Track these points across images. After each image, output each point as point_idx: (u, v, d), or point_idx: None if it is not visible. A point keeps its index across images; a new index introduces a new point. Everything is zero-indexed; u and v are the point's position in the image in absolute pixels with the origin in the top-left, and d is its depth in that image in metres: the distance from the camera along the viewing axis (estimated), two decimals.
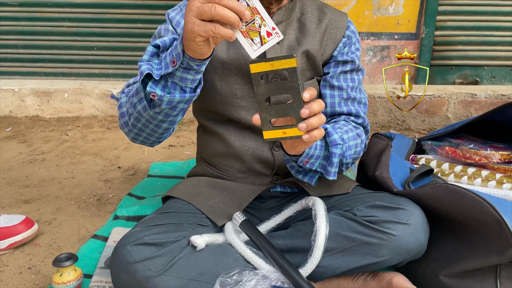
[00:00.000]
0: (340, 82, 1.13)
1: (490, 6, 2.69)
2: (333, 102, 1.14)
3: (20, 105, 2.65)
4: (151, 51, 0.89)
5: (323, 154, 1.01)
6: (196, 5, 0.73)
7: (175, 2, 2.75)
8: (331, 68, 1.14)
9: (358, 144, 1.09)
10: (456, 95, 2.52)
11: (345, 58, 1.13)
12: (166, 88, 0.87)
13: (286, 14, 1.09)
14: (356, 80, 1.16)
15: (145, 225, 0.99)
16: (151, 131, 1.00)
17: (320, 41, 1.12)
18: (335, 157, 0.99)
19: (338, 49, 1.13)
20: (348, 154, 1.04)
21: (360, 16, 2.65)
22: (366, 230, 0.95)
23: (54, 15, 2.81)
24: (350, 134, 1.06)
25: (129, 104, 0.96)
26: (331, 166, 1.00)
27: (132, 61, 2.88)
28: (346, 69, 1.14)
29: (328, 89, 1.14)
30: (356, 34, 1.16)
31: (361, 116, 1.15)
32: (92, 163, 2.01)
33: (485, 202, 0.89)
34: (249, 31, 0.75)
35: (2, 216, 1.36)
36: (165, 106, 0.88)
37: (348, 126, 1.10)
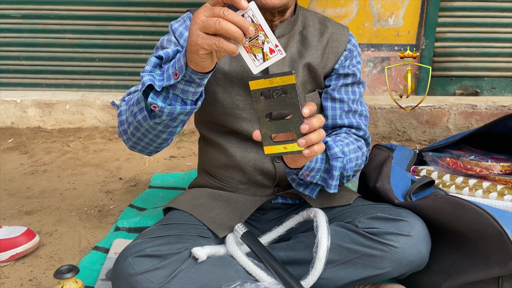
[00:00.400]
0: (341, 94, 1.14)
1: (490, 18, 2.71)
2: (334, 115, 1.15)
3: (22, 116, 2.66)
4: (154, 62, 0.89)
5: (323, 167, 1.01)
6: (201, 18, 0.74)
7: (177, 14, 2.77)
8: (333, 81, 1.15)
9: (359, 156, 1.09)
10: (457, 106, 2.53)
11: (346, 71, 1.14)
12: (167, 100, 0.88)
13: (288, 27, 1.10)
14: (357, 93, 1.16)
15: (146, 236, 0.99)
16: (150, 140, 1.00)
17: (322, 54, 1.13)
18: (335, 170, 1.00)
19: (340, 62, 1.14)
20: (349, 166, 1.05)
21: (360, 28, 2.67)
22: (368, 242, 0.95)
23: (56, 27, 2.84)
24: (351, 146, 1.07)
25: (129, 113, 0.96)
26: (331, 179, 1.01)
27: (133, 73, 2.90)
28: (347, 82, 1.15)
29: (329, 101, 1.15)
30: (357, 48, 1.17)
31: (362, 129, 1.16)
32: (93, 174, 2.01)
33: (487, 214, 0.90)
34: (252, 47, 0.76)
35: (3, 228, 1.36)
36: (165, 117, 0.89)
37: (349, 138, 1.10)
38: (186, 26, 1.10)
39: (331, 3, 2.63)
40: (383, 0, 2.63)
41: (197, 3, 2.77)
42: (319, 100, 1.17)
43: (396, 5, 2.64)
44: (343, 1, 2.63)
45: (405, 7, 2.64)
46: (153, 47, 1.13)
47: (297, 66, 1.11)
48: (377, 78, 2.77)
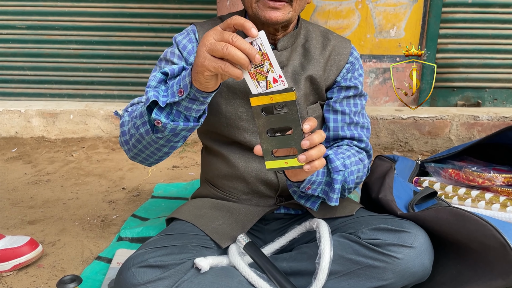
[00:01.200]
0: (343, 107, 1.15)
1: (491, 30, 2.73)
2: (336, 126, 1.16)
3: (26, 126, 2.67)
4: (159, 77, 0.90)
5: (325, 180, 1.02)
6: (210, 41, 0.76)
7: (180, 26, 2.80)
8: (335, 93, 1.16)
9: (360, 169, 1.10)
10: (459, 117, 2.53)
11: (348, 84, 1.15)
12: (170, 116, 0.89)
13: (291, 40, 1.11)
14: (359, 105, 1.17)
15: (149, 247, 0.99)
16: (151, 152, 1.01)
17: (324, 67, 1.14)
18: (337, 183, 1.01)
19: (342, 74, 1.15)
20: (350, 179, 1.05)
21: (362, 39, 2.69)
22: (371, 253, 0.95)
23: (61, 37, 2.87)
24: (352, 159, 1.07)
25: (131, 124, 0.97)
26: (332, 192, 1.02)
27: (137, 83, 2.92)
28: (349, 95, 1.16)
29: (331, 113, 1.16)
30: (359, 61, 1.18)
31: (364, 141, 1.16)
32: (96, 184, 2.02)
33: (489, 225, 0.90)
34: (257, 74, 0.77)
35: (6, 237, 1.36)
36: (168, 132, 0.90)
37: (351, 151, 1.11)
38: (189, 39, 1.11)
39: (333, 15, 2.65)
40: (384, 12, 2.65)
41: (200, 14, 2.80)
42: (320, 112, 1.17)
43: (398, 17, 2.66)
44: (345, 13, 2.65)
45: (407, 18, 2.66)
46: (157, 58, 1.15)
47: (299, 79, 1.12)
48: (379, 89, 2.78)
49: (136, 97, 1.08)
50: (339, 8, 2.64)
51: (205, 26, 1.14)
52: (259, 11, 1.01)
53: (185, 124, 0.89)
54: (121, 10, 2.81)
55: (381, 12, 2.65)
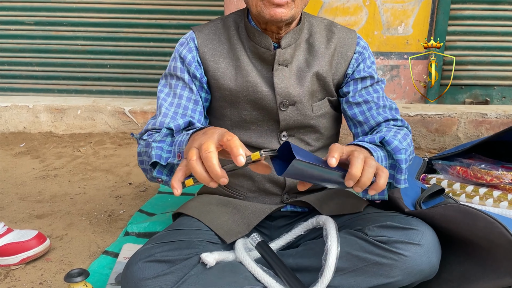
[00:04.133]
0: (364, 96, 1.14)
1: (500, 27, 2.71)
2: (366, 117, 1.14)
3: (34, 121, 2.69)
4: (164, 133, 0.93)
5: (389, 164, 0.99)
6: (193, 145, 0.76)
7: (187, 22, 2.80)
8: (351, 86, 1.15)
9: (409, 143, 1.06)
10: (467, 114, 2.51)
11: (362, 75, 1.14)
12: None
13: (295, 36, 1.10)
14: (379, 90, 1.16)
15: (156, 242, 1.00)
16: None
17: (330, 61, 1.13)
18: (402, 163, 0.97)
19: (352, 66, 1.14)
20: (407, 156, 1.01)
21: (370, 36, 2.68)
22: (378, 250, 0.95)
23: (68, 33, 2.88)
24: (399, 136, 1.04)
25: (145, 158, 1.00)
26: (400, 174, 0.98)
27: (144, 79, 2.93)
28: (366, 85, 1.15)
29: (355, 107, 1.15)
30: (367, 49, 1.17)
31: (398, 119, 1.13)
32: (103, 179, 2.03)
33: (497, 223, 0.89)
34: None
35: (15, 231, 1.37)
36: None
37: (393, 129, 1.08)
38: (189, 48, 1.12)
39: (341, 12, 2.64)
40: (392, 9, 2.64)
41: (207, 11, 2.80)
42: (328, 109, 1.17)
43: (406, 14, 2.64)
44: (353, 10, 2.64)
45: (415, 15, 2.64)
46: (164, 54, 1.17)
47: (304, 76, 1.11)
48: (386, 86, 2.77)
49: (143, 94, 1.09)
50: (346, 5, 2.63)
51: (204, 30, 1.14)
52: (264, 9, 1.00)
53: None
54: (128, 6, 2.82)
55: (389, 9, 2.63)
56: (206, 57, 1.11)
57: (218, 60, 1.11)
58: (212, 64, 1.11)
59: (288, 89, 1.09)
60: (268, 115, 1.12)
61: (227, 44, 1.12)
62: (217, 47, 1.12)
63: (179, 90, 1.11)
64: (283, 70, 1.09)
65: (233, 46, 1.12)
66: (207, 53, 1.11)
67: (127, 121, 2.67)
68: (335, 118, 1.21)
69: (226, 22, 1.15)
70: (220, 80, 1.11)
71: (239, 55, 1.11)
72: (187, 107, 1.09)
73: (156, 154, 0.91)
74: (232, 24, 1.14)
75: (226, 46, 1.12)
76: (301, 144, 1.17)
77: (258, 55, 1.10)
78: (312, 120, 1.14)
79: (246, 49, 1.11)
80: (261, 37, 1.08)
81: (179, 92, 1.10)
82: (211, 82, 1.13)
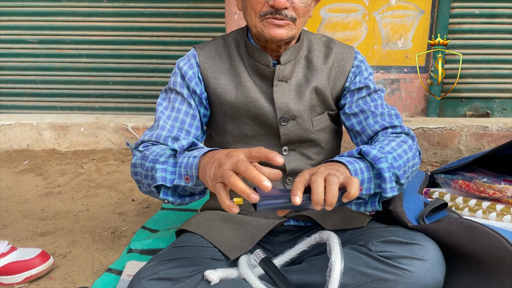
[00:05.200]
0: (360, 106, 1.14)
1: (499, 40, 2.73)
2: (363, 127, 1.14)
3: (37, 138, 2.71)
4: (168, 153, 0.94)
5: (373, 174, 0.98)
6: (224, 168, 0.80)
7: (189, 39, 2.83)
8: (348, 98, 1.16)
9: (406, 150, 1.04)
10: (468, 127, 2.52)
11: (358, 86, 1.15)
12: (177, 191, 0.96)
13: (294, 53, 1.12)
14: (377, 99, 1.16)
15: (159, 259, 1.00)
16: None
17: (328, 76, 1.14)
18: (384, 172, 0.95)
19: (349, 80, 1.16)
20: (398, 164, 0.99)
21: (370, 50, 2.70)
22: (382, 265, 0.95)
23: (72, 51, 2.91)
24: (392, 144, 1.03)
25: (144, 174, 1.00)
26: (384, 183, 0.96)
27: (146, 95, 2.95)
28: (362, 95, 1.15)
29: (352, 118, 1.15)
30: (364, 62, 1.18)
31: (397, 126, 1.11)
32: (106, 196, 2.03)
33: (501, 237, 0.89)
34: None
35: (18, 250, 1.38)
36: (175, 206, 0.94)
37: (388, 138, 1.07)
38: (190, 64, 1.14)
39: (340, 27, 2.67)
40: (391, 23, 2.66)
41: (209, 28, 2.83)
42: (328, 123, 1.18)
43: (405, 28, 2.67)
44: (352, 25, 2.67)
45: (414, 30, 2.67)
46: (166, 71, 1.19)
47: (303, 91, 1.13)
48: (387, 99, 2.78)
49: (145, 110, 1.11)
50: (346, 20, 2.66)
51: (206, 48, 1.16)
52: (264, 29, 1.03)
53: (191, 199, 0.97)
54: (131, 24, 2.85)
55: (388, 23, 2.66)
56: (207, 73, 1.13)
57: (219, 76, 1.13)
58: (213, 80, 1.13)
59: (288, 104, 1.11)
60: (269, 129, 1.14)
61: (228, 61, 1.14)
62: (218, 64, 1.14)
63: (177, 104, 1.13)
64: (283, 85, 1.11)
65: (234, 63, 1.14)
66: (208, 70, 1.13)
67: (130, 138, 2.68)
68: (335, 132, 1.22)
69: (227, 40, 1.17)
70: (221, 96, 1.13)
71: (239, 72, 1.13)
72: (185, 121, 1.11)
73: (161, 176, 0.92)
74: (232, 42, 1.16)
75: (227, 63, 1.14)
76: (302, 158, 1.18)
77: (258, 71, 1.12)
78: (313, 134, 1.15)
79: (246, 66, 1.13)
80: (260, 54, 1.10)
81: (177, 106, 1.12)
82: (212, 98, 1.15)
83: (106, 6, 2.84)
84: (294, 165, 1.16)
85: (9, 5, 2.85)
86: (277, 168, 0.95)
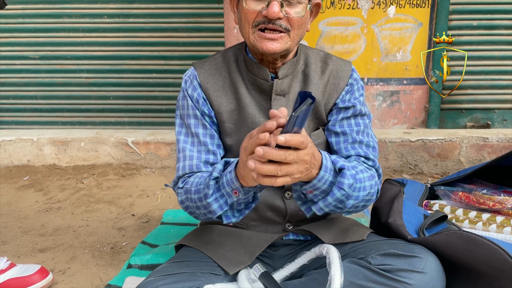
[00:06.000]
0: (344, 127, 1.14)
1: (497, 51, 2.74)
2: (339, 148, 1.14)
3: (38, 154, 2.71)
4: (212, 185, 0.96)
5: (326, 188, 0.97)
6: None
7: (189, 54, 2.85)
8: (333, 115, 1.16)
9: (372, 185, 1.05)
10: (468, 139, 2.52)
11: (346, 105, 1.14)
12: (234, 208, 1.00)
13: (291, 68, 1.13)
14: (361, 124, 1.15)
15: (158, 274, 0.99)
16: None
17: (323, 91, 1.15)
18: (332, 196, 0.96)
19: (341, 97, 1.15)
20: (358, 194, 1.00)
21: (369, 63, 2.72)
22: (381, 279, 0.94)
23: (73, 67, 2.94)
24: (365, 174, 1.04)
25: (189, 203, 1.06)
26: (323, 202, 0.97)
27: (147, 110, 2.97)
28: (347, 115, 1.14)
29: (333, 136, 1.15)
30: (358, 82, 1.18)
31: (371, 159, 1.13)
32: (106, 211, 2.03)
33: (501, 249, 0.89)
34: None
35: (17, 266, 1.37)
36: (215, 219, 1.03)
37: (363, 165, 1.08)
38: (193, 87, 1.14)
39: (339, 40, 2.69)
40: (390, 36, 2.68)
41: (208, 42, 2.86)
42: (324, 138, 1.17)
43: (404, 40, 2.69)
44: (351, 38, 2.69)
45: (412, 42, 2.69)
46: (166, 85, 1.19)
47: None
48: (386, 111, 2.79)
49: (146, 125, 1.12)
50: (345, 33, 2.68)
51: (205, 66, 1.16)
52: (256, 42, 1.03)
53: (249, 208, 1.01)
54: (131, 39, 2.88)
55: (386, 36, 2.68)
56: (209, 92, 1.14)
57: (220, 94, 1.13)
58: (215, 99, 1.13)
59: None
60: None
61: (228, 78, 1.15)
62: (218, 82, 1.14)
63: (193, 129, 1.14)
64: (281, 100, 1.12)
65: (233, 80, 1.14)
66: (210, 89, 1.14)
67: (130, 152, 2.68)
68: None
69: (226, 56, 1.17)
70: (224, 114, 1.13)
71: (238, 87, 1.13)
72: (207, 143, 1.13)
73: (218, 207, 0.97)
74: (231, 57, 1.17)
75: (228, 80, 1.15)
76: None
77: (257, 86, 1.12)
78: None
79: (245, 81, 1.13)
80: (258, 68, 1.10)
81: (194, 131, 1.13)
82: (217, 116, 1.15)
83: (106, 22, 2.87)
84: None
85: (10, 21, 2.88)
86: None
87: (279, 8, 0.98)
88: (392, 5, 2.64)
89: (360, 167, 1.05)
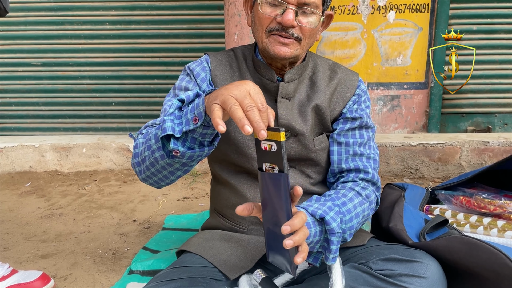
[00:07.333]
0: (348, 138, 1.16)
1: (497, 55, 2.75)
2: (339, 160, 1.16)
3: (40, 160, 2.72)
4: (176, 104, 0.91)
5: (323, 238, 0.99)
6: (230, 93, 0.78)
7: (190, 60, 2.87)
8: (340, 124, 1.17)
9: (365, 208, 1.08)
10: (469, 143, 2.52)
11: (353, 115, 1.16)
12: (186, 142, 0.90)
13: (298, 72, 1.14)
14: (365, 137, 1.17)
15: (160, 280, 0.99)
16: (163, 176, 1.01)
17: (330, 98, 1.15)
18: (333, 244, 0.97)
19: (348, 106, 1.16)
20: (352, 224, 1.03)
21: (369, 68, 2.73)
22: (382, 284, 0.94)
23: (74, 73, 2.95)
24: (355, 200, 1.06)
25: (145, 147, 0.97)
26: (329, 252, 0.98)
27: (148, 115, 2.98)
28: (354, 126, 1.16)
29: (335, 145, 1.16)
30: (366, 93, 1.20)
31: (369, 172, 1.14)
32: (108, 217, 2.03)
33: (502, 254, 0.89)
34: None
35: (19, 272, 1.37)
36: (185, 159, 0.91)
37: (355, 188, 1.10)
38: (203, 67, 1.15)
39: (339, 45, 2.70)
40: (390, 41, 2.69)
41: (209, 48, 2.87)
42: (327, 143, 1.18)
43: (404, 45, 2.70)
44: (351, 43, 2.70)
45: (412, 47, 2.70)
46: (167, 91, 1.18)
47: (306, 110, 1.13)
48: (387, 116, 2.79)
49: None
50: (345, 38, 2.69)
51: (218, 56, 1.18)
52: (269, 45, 1.04)
53: (201, 150, 0.90)
54: (133, 46, 2.90)
55: (386, 41, 2.69)
56: (217, 80, 1.14)
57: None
58: None
59: (291, 121, 1.12)
60: None
61: (238, 73, 1.16)
62: (228, 73, 1.15)
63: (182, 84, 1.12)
64: (286, 103, 1.12)
65: (242, 76, 1.15)
66: (219, 77, 1.14)
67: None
68: None
69: (236, 53, 1.19)
70: None
71: None
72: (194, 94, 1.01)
73: (170, 127, 0.88)
74: (241, 55, 1.18)
75: (237, 74, 1.16)
76: (302, 176, 1.18)
77: (263, 86, 1.13)
78: (313, 153, 1.16)
79: (252, 80, 1.14)
80: (266, 69, 1.12)
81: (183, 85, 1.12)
82: None
83: (108, 28, 2.89)
84: (293, 182, 1.17)
85: (12, 29, 2.90)
86: None
87: (293, 16, 1.00)
88: (392, 10, 2.65)
89: (349, 195, 1.07)
